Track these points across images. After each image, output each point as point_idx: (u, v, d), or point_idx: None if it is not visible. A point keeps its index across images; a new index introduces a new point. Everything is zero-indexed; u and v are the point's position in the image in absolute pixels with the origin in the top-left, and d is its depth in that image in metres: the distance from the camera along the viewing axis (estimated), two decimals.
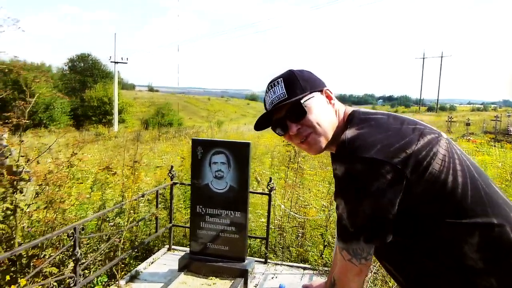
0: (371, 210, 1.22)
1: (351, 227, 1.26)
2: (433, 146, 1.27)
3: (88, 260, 3.19)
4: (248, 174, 3.69)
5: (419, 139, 1.26)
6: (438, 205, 1.25)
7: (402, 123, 1.33)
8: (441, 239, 1.26)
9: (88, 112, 39.25)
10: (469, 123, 22.54)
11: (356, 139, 1.26)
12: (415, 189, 1.23)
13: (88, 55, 49.34)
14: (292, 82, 1.37)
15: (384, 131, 1.28)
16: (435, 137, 1.30)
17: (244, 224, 3.75)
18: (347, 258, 1.31)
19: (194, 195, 3.85)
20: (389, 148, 1.22)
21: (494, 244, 1.21)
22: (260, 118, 1.42)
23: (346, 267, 1.32)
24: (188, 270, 3.79)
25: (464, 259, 1.23)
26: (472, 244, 1.22)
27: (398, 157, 1.21)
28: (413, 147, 1.23)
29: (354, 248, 1.28)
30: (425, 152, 1.24)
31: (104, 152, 12.52)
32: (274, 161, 8.69)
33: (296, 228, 4.73)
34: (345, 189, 1.26)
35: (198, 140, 3.82)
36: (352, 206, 1.25)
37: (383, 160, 1.20)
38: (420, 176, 1.22)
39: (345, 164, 1.24)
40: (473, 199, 1.24)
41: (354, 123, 1.34)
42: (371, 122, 1.33)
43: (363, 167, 1.20)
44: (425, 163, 1.23)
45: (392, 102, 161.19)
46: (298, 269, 4.07)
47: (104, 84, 42.74)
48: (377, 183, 1.20)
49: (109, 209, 3.44)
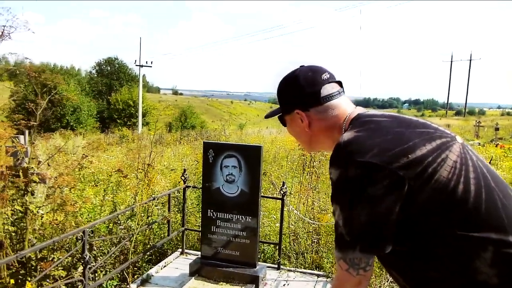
0: (367, 218, 1.14)
1: (347, 235, 1.19)
2: (442, 151, 1.17)
3: (98, 263, 3.19)
4: (259, 178, 3.63)
5: (426, 144, 1.17)
6: (447, 215, 1.15)
7: (408, 126, 1.24)
8: (450, 252, 1.16)
9: (114, 115, 40.04)
10: (498, 128, 21.77)
11: (352, 142, 1.19)
12: (419, 197, 1.14)
13: (115, 58, 50.43)
14: (280, 93, 1.45)
15: (384, 134, 1.20)
16: (446, 142, 1.21)
17: (256, 229, 3.69)
18: (345, 268, 1.23)
19: (205, 199, 3.82)
20: (387, 153, 1.14)
21: (510, 260, 1.11)
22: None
23: (344, 277, 1.24)
24: (199, 275, 3.76)
25: (476, 273, 1.13)
26: (485, 259, 1.11)
27: (397, 162, 1.12)
28: (417, 152, 1.15)
29: (350, 257, 1.20)
30: (432, 158, 1.15)
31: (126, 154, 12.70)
32: (293, 164, 8.60)
33: (311, 234, 4.63)
34: (340, 194, 1.20)
35: (210, 143, 3.79)
36: (347, 213, 1.18)
37: (379, 165, 1.12)
38: (424, 183, 1.13)
39: (340, 167, 1.18)
40: (487, 210, 1.13)
41: (354, 126, 1.28)
42: (370, 125, 1.26)
43: (357, 172, 1.13)
44: (430, 169, 1.14)
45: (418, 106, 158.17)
46: (311, 276, 3.97)
47: (130, 87, 43.57)
48: (373, 189, 1.12)
49: (119, 212, 3.45)
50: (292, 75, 1.41)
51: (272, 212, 5.15)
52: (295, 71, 1.42)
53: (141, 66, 35.91)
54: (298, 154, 8.33)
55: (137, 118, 36.72)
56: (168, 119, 46.77)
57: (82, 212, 3.29)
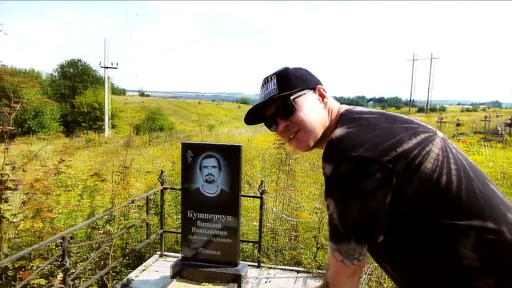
0: (361, 210, 1.20)
1: (342, 228, 1.24)
2: (426, 145, 1.24)
3: (77, 269, 3.12)
4: (239, 177, 3.65)
5: (411, 138, 1.24)
6: (431, 205, 1.23)
7: (394, 122, 1.31)
8: (436, 239, 1.24)
9: (78, 118, 38.94)
10: (459, 124, 22.74)
11: (345, 138, 1.24)
12: (406, 188, 1.20)
13: (78, 60, 49.07)
14: (285, 79, 1.37)
15: (374, 130, 1.26)
16: (429, 136, 1.28)
17: (236, 228, 3.71)
18: (339, 259, 1.28)
19: (185, 200, 3.80)
20: (378, 147, 1.19)
21: (490, 245, 1.19)
22: (250, 111, 1.42)
23: (339, 268, 1.29)
24: (180, 276, 3.73)
25: (460, 259, 1.20)
26: (467, 245, 1.19)
27: (387, 155, 1.18)
28: (404, 146, 1.21)
29: (345, 249, 1.25)
30: (417, 151, 1.22)
31: (94, 159, 12.41)
32: (265, 164, 8.67)
33: (289, 231, 4.70)
34: (334, 189, 1.24)
35: (188, 144, 3.77)
36: (341, 206, 1.22)
37: (371, 159, 1.17)
38: (411, 175, 1.20)
39: (333, 163, 1.22)
40: (467, 199, 1.21)
41: (344, 122, 1.33)
42: (361, 121, 1.31)
43: (351, 166, 1.18)
44: (416, 162, 1.20)
45: (382, 104, 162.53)
46: (291, 273, 4.03)
47: (95, 89, 42.47)
48: (366, 182, 1.17)
49: (98, 216, 3.38)
50: (290, 67, 1.41)
51: (250, 211, 5.18)
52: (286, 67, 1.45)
53: (106, 67, 35.11)
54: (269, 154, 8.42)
55: (104, 121, 35.88)
56: (135, 121, 45.89)
57: (59, 218, 3.21)
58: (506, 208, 1.26)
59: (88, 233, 3.61)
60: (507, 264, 1.18)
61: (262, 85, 1.41)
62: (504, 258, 1.18)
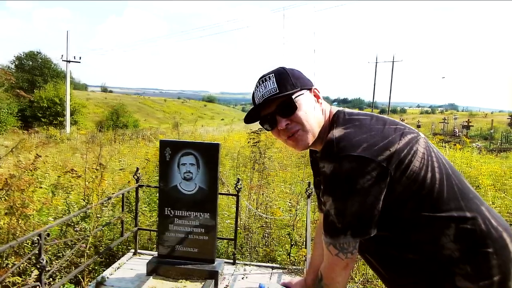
0: (358, 206, 1.28)
1: (339, 223, 1.32)
2: (413, 145, 1.35)
3: (53, 267, 3.06)
4: (217, 175, 3.69)
5: (401, 138, 1.34)
6: (419, 200, 1.33)
7: (384, 123, 1.40)
8: (421, 233, 1.35)
9: (38, 113, 37.39)
10: (419, 125, 23.64)
11: (344, 139, 1.32)
12: (397, 185, 1.30)
13: (38, 53, 47.01)
14: (283, 78, 1.40)
15: (368, 131, 1.34)
16: (415, 137, 1.39)
17: (214, 225, 3.74)
18: (334, 253, 1.36)
19: (162, 197, 3.79)
20: (374, 147, 1.28)
21: (468, 234, 1.31)
22: (250, 112, 1.45)
23: (333, 261, 1.38)
24: (156, 274, 3.72)
25: (442, 249, 1.32)
26: (449, 236, 1.31)
27: (382, 155, 1.28)
28: (396, 146, 1.31)
29: (341, 243, 1.34)
30: (407, 151, 1.32)
31: (57, 156, 12.01)
32: (234, 163, 8.71)
33: (263, 229, 4.77)
34: (333, 186, 1.32)
35: (167, 141, 3.77)
36: (340, 203, 1.30)
37: (369, 158, 1.26)
38: (402, 173, 1.30)
39: (333, 162, 1.29)
40: (448, 194, 1.34)
41: (340, 123, 1.40)
42: (355, 123, 1.39)
43: (350, 165, 1.26)
44: (406, 161, 1.31)
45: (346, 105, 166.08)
46: (266, 269, 4.11)
47: (55, 84, 40.90)
48: (363, 180, 1.26)
49: (74, 213, 3.31)
50: (286, 67, 1.46)
51: (225, 209, 5.22)
52: (283, 67, 1.50)
53: (68, 61, 33.87)
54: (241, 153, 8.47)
55: (65, 116, 34.64)
56: (98, 117, 44.66)
57: (33, 214, 3.12)
58: (480, 201, 1.39)
59: (64, 231, 3.53)
60: (482, 252, 1.31)
61: (259, 84, 1.43)
62: (479, 247, 1.31)
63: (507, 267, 1.32)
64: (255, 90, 1.45)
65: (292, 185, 6.71)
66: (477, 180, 7.34)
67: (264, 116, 1.44)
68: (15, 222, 2.82)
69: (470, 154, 9.65)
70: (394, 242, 1.40)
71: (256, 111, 1.45)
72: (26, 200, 2.77)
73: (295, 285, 1.95)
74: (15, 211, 2.74)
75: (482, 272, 1.30)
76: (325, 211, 1.35)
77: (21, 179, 2.71)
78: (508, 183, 7.31)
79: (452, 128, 28.03)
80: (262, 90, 1.42)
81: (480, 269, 1.30)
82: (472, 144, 13.86)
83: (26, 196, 2.86)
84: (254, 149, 5.15)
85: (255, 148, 5.13)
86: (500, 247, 1.31)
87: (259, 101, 1.41)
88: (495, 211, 1.42)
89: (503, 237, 1.33)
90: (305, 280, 1.93)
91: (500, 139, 21.80)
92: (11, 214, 2.76)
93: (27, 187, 2.84)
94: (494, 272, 1.29)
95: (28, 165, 2.84)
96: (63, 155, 12.30)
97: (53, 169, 5.90)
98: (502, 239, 1.33)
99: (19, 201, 2.75)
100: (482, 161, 9.13)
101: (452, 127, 28.27)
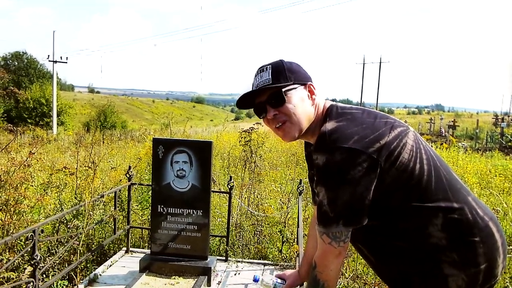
0: (350, 196, 1.34)
1: (331, 212, 1.37)
2: (402, 137, 1.41)
3: (46, 264, 3.06)
4: (210, 173, 3.73)
5: (391, 131, 1.40)
6: (408, 191, 1.40)
7: (375, 117, 1.46)
8: (410, 222, 1.41)
9: (24, 114, 36.89)
10: None
11: (336, 131, 1.38)
12: (387, 176, 1.36)
13: (23, 53, 46.42)
14: (279, 71, 1.47)
15: (360, 124, 1.40)
16: (404, 130, 1.45)
17: (206, 222, 3.78)
18: (327, 241, 1.42)
19: (155, 195, 3.81)
20: (365, 139, 1.34)
21: (455, 223, 1.38)
22: (244, 95, 1.52)
23: (327, 250, 1.43)
24: (149, 271, 3.74)
25: (429, 238, 1.38)
26: (436, 225, 1.37)
27: (373, 147, 1.33)
28: (386, 138, 1.37)
29: (333, 231, 1.39)
30: (396, 143, 1.38)
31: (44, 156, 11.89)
32: (224, 163, 8.74)
33: (255, 226, 4.82)
34: (326, 177, 1.37)
35: (160, 139, 3.79)
36: (332, 193, 1.36)
37: (360, 150, 1.32)
38: (392, 164, 1.36)
39: (326, 154, 1.35)
40: (436, 185, 1.40)
41: (333, 116, 1.46)
42: (348, 116, 1.45)
43: (342, 156, 1.32)
44: (396, 153, 1.37)
45: None
46: (258, 265, 4.15)
47: (41, 84, 40.40)
48: (355, 171, 1.31)
49: (68, 210, 3.32)
50: (285, 61, 1.52)
51: (216, 207, 5.25)
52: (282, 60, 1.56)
53: (54, 62, 33.46)
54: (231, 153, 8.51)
55: (51, 117, 34.23)
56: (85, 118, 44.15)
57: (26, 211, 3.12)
58: (466, 192, 1.46)
59: (57, 227, 3.53)
60: (468, 241, 1.37)
61: (257, 73, 1.51)
62: (466, 236, 1.37)
63: (493, 255, 1.38)
64: (254, 79, 1.53)
65: (283, 184, 6.78)
66: (463, 178, 7.50)
67: (257, 104, 1.52)
68: (9, 219, 2.82)
69: (456, 154, 9.81)
70: (384, 231, 1.46)
71: (250, 98, 1.52)
72: (20, 197, 2.78)
73: (289, 276, 2.00)
74: (10, 208, 2.74)
75: (469, 260, 1.36)
76: (318, 201, 1.41)
77: (15, 175, 2.71)
78: (493, 181, 7.48)
79: (438, 128, 28.44)
80: (258, 79, 1.50)
81: (467, 257, 1.36)
82: (458, 144, 14.10)
83: (19, 193, 2.86)
84: (246, 148, 5.19)
85: (246, 147, 5.17)
86: (486, 236, 1.38)
87: (254, 89, 1.50)
88: (481, 201, 1.49)
89: (489, 226, 1.40)
90: (299, 271, 1.99)
91: (485, 138, 22.21)
92: (6, 210, 2.76)
93: (21, 183, 2.84)
94: (481, 260, 1.36)
95: (21, 162, 2.84)
96: (50, 155, 12.20)
97: (41, 170, 5.86)
98: (488, 228, 1.40)
99: (12, 198, 2.76)
100: (467, 160, 9.31)
101: (439, 127, 28.68)
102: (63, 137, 22.26)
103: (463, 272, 1.36)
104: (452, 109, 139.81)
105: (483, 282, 1.38)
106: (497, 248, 1.39)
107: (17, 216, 2.95)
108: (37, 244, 2.81)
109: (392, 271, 1.51)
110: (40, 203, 3.15)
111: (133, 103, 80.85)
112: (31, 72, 45.33)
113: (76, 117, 43.95)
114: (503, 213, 5.42)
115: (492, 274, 1.39)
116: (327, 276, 1.45)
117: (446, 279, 1.36)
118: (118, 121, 40.79)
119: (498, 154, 12.68)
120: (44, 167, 6.71)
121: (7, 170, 2.98)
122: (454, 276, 1.35)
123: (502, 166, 9.22)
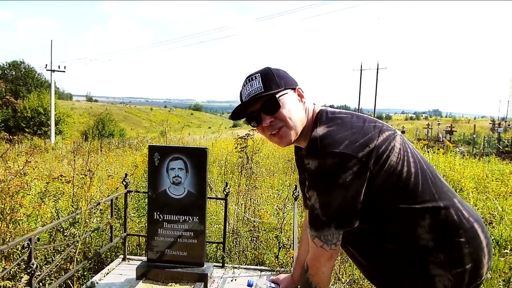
0: (341, 199, 1.37)
1: (323, 216, 1.40)
2: (390, 141, 1.45)
3: (43, 272, 3.07)
4: (205, 179, 3.75)
5: (379, 135, 1.44)
6: (396, 193, 1.43)
7: (364, 121, 1.50)
8: (399, 224, 1.44)
9: (22, 124, 36.90)
10: (404, 131, 24.02)
11: (327, 136, 1.41)
12: (376, 179, 1.39)
13: (21, 62, 46.50)
14: (269, 78, 1.49)
15: (350, 128, 1.44)
16: (392, 133, 1.49)
17: (203, 229, 3.79)
18: (319, 245, 1.44)
19: (151, 202, 3.83)
20: (355, 144, 1.38)
21: (442, 225, 1.41)
22: (236, 109, 1.54)
23: (318, 253, 1.46)
24: (146, 278, 3.74)
25: (419, 240, 1.42)
26: (424, 226, 1.41)
27: (363, 151, 1.37)
28: (375, 142, 1.40)
29: (325, 235, 1.42)
30: (385, 146, 1.42)
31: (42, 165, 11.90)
32: (222, 170, 8.77)
33: (251, 232, 4.83)
34: (318, 181, 1.40)
35: (155, 146, 3.82)
36: (324, 197, 1.39)
37: (350, 154, 1.35)
38: (381, 167, 1.39)
39: (318, 158, 1.38)
40: (423, 187, 1.43)
41: (323, 121, 1.50)
42: (337, 121, 1.49)
43: (334, 161, 1.35)
44: (384, 156, 1.40)
45: None
46: (255, 271, 4.16)
47: (39, 93, 40.46)
48: (346, 174, 1.35)
49: (64, 218, 3.33)
50: (272, 68, 1.54)
51: (213, 214, 5.27)
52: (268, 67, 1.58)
53: (52, 71, 33.53)
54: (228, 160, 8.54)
55: (49, 126, 34.23)
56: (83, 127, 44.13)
57: (23, 219, 3.14)
58: (452, 194, 1.50)
59: (53, 236, 3.54)
60: (454, 242, 1.41)
61: (245, 83, 1.52)
62: (452, 237, 1.41)
63: (479, 255, 1.42)
64: (242, 89, 1.54)
65: (280, 190, 6.80)
66: (460, 183, 7.54)
67: (250, 113, 1.53)
68: (5, 227, 2.83)
69: (453, 158, 9.86)
70: (374, 233, 1.49)
71: (242, 108, 1.54)
72: (16, 205, 2.79)
73: (282, 280, 2.02)
74: (6, 216, 2.76)
75: (455, 260, 1.39)
76: (310, 205, 1.44)
77: (11, 184, 2.73)
78: (490, 186, 7.52)
79: (436, 133, 28.53)
80: (248, 88, 1.50)
81: (453, 257, 1.39)
82: (455, 149, 14.16)
83: (15, 201, 2.88)
84: (242, 154, 5.22)
85: (242, 153, 5.20)
86: (471, 237, 1.41)
87: (246, 99, 1.50)
88: (467, 203, 1.52)
89: (474, 227, 1.43)
90: (292, 275, 2.01)
91: (482, 143, 22.29)
92: (2, 219, 2.77)
93: (17, 192, 2.86)
94: (466, 260, 1.39)
95: (18, 171, 2.86)
96: (48, 164, 12.20)
97: (39, 179, 5.87)
98: (473, 229, 1.43)
99: (8, 206, 2.77)
100: (465, 165, 9.36)
101: (436, 132, 28.76)
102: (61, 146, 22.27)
103: (449, 272, 1.39)
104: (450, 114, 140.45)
105: (469, 282, 1.40)
106: (482, 248, 1.42)
107: (13, 225, 2.97)
108: (33, 252, 2.82)
109: (382, 273, 1.54)
110: (36, 211, 3.16)
111: (131, 111, 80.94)
112: (29, 81, 45.41)
113: (74, 126, 43.92)
114: (500, 217, 5.46)
115: (478, 274, 1.42)
116: (319, 278, 1.47)
117: (433, 279, 1.39)
118: (116, 130, 40.83)
119: (495, 159, 12.75)
120: (42, 176, 6.72)
121: (4, 178, 3.00)
122: (441, 277, 1.38)
123: (499, 170, 9.27)
